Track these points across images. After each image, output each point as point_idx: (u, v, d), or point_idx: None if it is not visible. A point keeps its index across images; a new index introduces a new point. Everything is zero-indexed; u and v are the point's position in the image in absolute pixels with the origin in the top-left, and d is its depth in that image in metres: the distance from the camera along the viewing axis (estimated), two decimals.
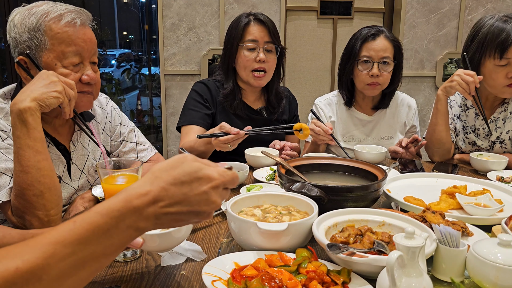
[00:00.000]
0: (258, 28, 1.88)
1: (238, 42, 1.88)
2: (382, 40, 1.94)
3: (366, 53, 1.94)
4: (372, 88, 1.98)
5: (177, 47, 3.43)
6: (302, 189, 1.11)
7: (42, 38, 1.24)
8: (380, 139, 2.10)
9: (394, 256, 0.74)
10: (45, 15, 1.24)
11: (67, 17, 1.25)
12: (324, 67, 3.69)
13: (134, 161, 1.04)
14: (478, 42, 1.83)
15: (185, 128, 1.89)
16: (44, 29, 1.23)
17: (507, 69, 1.78)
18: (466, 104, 2.02)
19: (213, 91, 1.96)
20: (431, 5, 3.54)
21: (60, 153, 1.39)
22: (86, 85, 1.32)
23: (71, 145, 1.44)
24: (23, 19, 1.25)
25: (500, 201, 1.28)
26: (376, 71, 1.93)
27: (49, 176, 1.17)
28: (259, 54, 1.87)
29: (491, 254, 0.83)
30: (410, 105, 2.16)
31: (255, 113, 2.02)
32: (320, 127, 1.81)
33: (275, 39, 1.91)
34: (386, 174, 1.23)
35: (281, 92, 2.06)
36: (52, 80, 1.17)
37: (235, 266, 0.89)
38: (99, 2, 5.08)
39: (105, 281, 0.92)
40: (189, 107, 1.94)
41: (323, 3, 3.57)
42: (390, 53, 1.95)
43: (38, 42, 1.24)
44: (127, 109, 5.01)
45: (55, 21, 1.24)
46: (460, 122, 2.04)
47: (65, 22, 1.25)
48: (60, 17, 1.25)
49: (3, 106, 1.31)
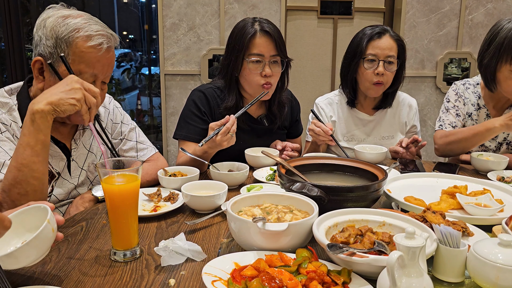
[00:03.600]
0: (265, 41, 1.76)
1: (244, 54, 1.77)
2: (387, 39, 1.94)
3: (372, 51, 1.94)
4: (377, 88, 1.98)
5: (177, 47, 3.43)
6: (302, 189, 1.11)
7: (66, 50, 1.27)
8: (381, 139, 2.10)
9: (394, 256, 0.74)
10: (76, 30, 1.27)
11: (96, 40, 1.29)
12: (325, 67, 3.68)
13: (134, 161, 1.04)
14: (495, 48, 1.81)
15: (181, 141, 1.86)
16: (71, 43, 1.27)
17: None
18: (479, 104, 2.02)
19: (211, 101, 1.86)
20: (432, 5, 3.54)
21: (60, 150, 1.40)
22: None
23: (73, 142, 1.46)
24: (55, 25, 1.28)
25: (501, 201, 1.27)
26: (382, 69, 1.93)
27: (40, 179, 1.18)
28: (264, 68, 1.77)
29: (492, 254, 0.83)
30: (411, 104, 2.16)
31: (255, 122, 1.95)
32: (320, 128, 1.81)
33: (281, 52, 1.80)
34: (386, 174, 1.22)
35: (284, 101, 1.97)
36: (73, 87, 1.19)
37: (235, 266, 0.89)
38: (99, 2, 5.08)
39: (105, 281, 0.92)
40: (186, 119, 1.86)
41: (323, 3, 3.57)
42: (395, 52, 1.95)
43: (61, 52, 1.27)
44: (127, 109, 5.01)
45: (83, 40, 1.28)
46: (471, 121, 2.03)
47: (93, 44, 1.28)
48: (89, 38, 1.28)
49: (7, 101, 1.34)
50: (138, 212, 1.06)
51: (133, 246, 1.03)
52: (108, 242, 1.11)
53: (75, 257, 1.03)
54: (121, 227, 1.02)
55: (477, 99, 2.03)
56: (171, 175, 1.53)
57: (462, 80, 2.12)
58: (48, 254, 1.03)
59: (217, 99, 1.88)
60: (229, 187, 1.38)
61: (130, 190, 1.01)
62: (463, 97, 2.05)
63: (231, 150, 1.67)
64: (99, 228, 1.20)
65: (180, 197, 1.38)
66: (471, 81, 2.09)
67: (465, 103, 2.05)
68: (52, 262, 1.00)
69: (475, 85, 2.07)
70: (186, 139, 1.83)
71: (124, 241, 1.02)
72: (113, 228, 1.03)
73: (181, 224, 1.24)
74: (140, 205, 1.28)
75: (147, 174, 1.56)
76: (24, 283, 0.91)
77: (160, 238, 1.09)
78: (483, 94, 2.03)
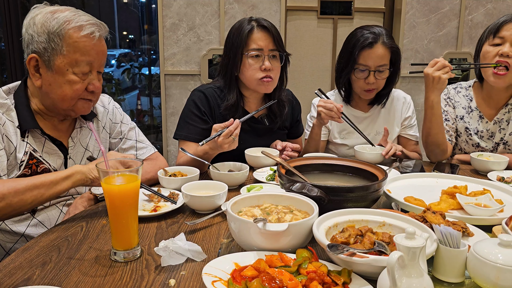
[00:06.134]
0: (263, 35, 1.79)
1: (242, 50, 1.79)
2: (379, 47, 1.91)
3: (363, 62, 1.93)
4: (369, 94, 2.02)
5: (177, 47, 3.43)
6: (302, 190, 1.11)
7: (60, 43, 1.30)
8: (376, 134, 2.12)
9: (394, 256, 0.74)
10: (67, 22, 1.30)
11: (87, 30, 1.32)
12: (324, 67, 3.68)
13: (134, 161, 1.04)
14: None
15: (182, 142, 1.86)
16: (64, 35, 1.30)
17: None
18: (471, 106, 2.03)
19: (211, 101, 1.86)
20: (431, 5, 3.54)
21: (57, 148, 1.42)
22: (90, 94, 1.39)
23: (70, 140, 1.48)
24: (45, 21, 1.30)
25: (501, 201, 1.27)
26: (372, 79, 1.95)
27: (21, 209, 1.24)
28: (264, 62, 1.78)
29: (492, 254, 0.83)
30: (405, 98, 2.18)
31: (256, 122, 1.95)
32: (333, 104, 1.82)
33: (279, 46, 1.83)
34: (386, 175, 1.22)
35: (284, 100, 1.97)
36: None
37: (235, 266, 0.89)
38: (99, 2, 5.08)
39: (105, 281, 0.92)
40: (186, 120, 1.86)
41: (323, 3, 3.57)
42: (387, 60, 1.95)
43: (55, 46, 1.29)
44: (127, 109, 5.00)
45: (75, 30, 1.31)
46: (463, 124, 2.04)
47: (85, 33, 1.32)
48: (81, 28, 1.31)
49: (5, 102, 1.36)
50: (138, 212, 1.06)
51: (133, 246, 1.03)
52: (108, 242, 1.11)
53: (75, 257, 1.03)
54: (121, 227, 1.02)
55: (469, 101, 2.04)
56: (171, 175, 1.53)
57: (454, 84, 2.14)
58: (48, 254, 1.04)
59: (217, 99, 1.88)
60: (229, 187, 1.38)
61: (130, 190, 1.01)
62: (453, 100, 2.07)
63: (232, 149, 1.67)
64: (99, 228, 1.20)
65: (180, 197, 1.38)
66: (464, 84, 2.12)
67: (455, 107, 2.07)
68: (52, 262, 1.00)
69: (467, 87, 2.09)
70: (186, 139, 1.83)
71: (124, 241, 1.02)
72: (113, 228, 1.03)
73: (181, 224, 1.24)
74: (140, 205, 1.28)
75: (146, 172, 1.57)
76: (24, 283, 0.91)
77: (160, 238, 1.09)
78: (475, 96, 2.04)
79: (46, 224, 1.41)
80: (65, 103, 1.36)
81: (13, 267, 0.98)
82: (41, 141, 1.40)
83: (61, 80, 1.33)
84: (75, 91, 1.35)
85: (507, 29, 1.81)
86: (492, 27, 1.87)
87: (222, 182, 1.40)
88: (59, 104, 1.37)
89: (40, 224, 1.40)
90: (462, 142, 2.06)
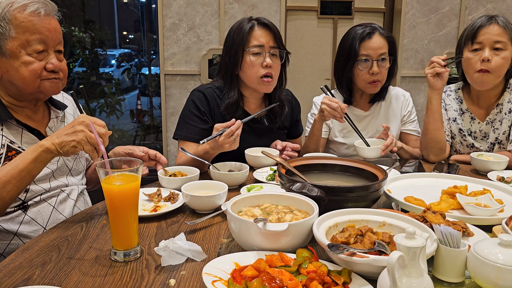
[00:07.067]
0: (263, 32, 1.80)
1: (243, 47, 1.79)
2: (377, 37, 1.98)
3: (365, 52, 1.98)
4: (374, 86, 2.03)
5: (177, 47, 3.43)
6: (302, 189, 1.11)
7: (6, 26, 1.29)
8: (377, 132, 2.13)
9: (394, 256, 0.74)
10: (9, 4, 1.30)
11: (32, 7, 1.31)
12: (324, 67, 3.69)
13: (134, 161, 1.04)
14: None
15: (181, 142, 1.86)
16: (9, 18, 1.29)
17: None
18: (462, 109, 2.05)
19: (211, 101, 1.85)
20: (431, 5, 3.54)
21: (36, 138, 1.41)
22: (51, 73, 1.37)
23: (48, 130, 1.48)
24: None
25: (501, 201, 1.27)
26: (376, 69, 1.97)
27: (3, 199, 1.22)
28: (265, 59, 1.78)
29: (492, 254, 0.83)
30: (404, 95, 2.21)
31: (255, 121, 1.93)
32: (338, 103, 1.83)
33: (280, 44, 1.84)
34: (386, 174, 1.22)
35: (284, 100, 1.97)
36: (76, 129, 1.22)
37: (235, 266, 0.89)
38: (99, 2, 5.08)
39: (105, 281, 0.92)
40: (186, 120, 1.86)
41: (323, 3, 3.57)
42: (386, 49, 2.00)
43: (3, 30, 1.29)
44: (127, 109, 5.00)
45: (19, 11, 1.30)
46: (456, 126, 2.06)
47: (30, 11, 1.30)
48: (24, 7, 1.30)
49: None
50: (138, 212, 1.06)
51: (133, 246, 1.03)
52: (108, 242, 1.11)
53: (75, 257, 1.03)
54: (121, 227, 1.02)
55: (459, 104, 2.07)
56: (171, 175, 1.53)
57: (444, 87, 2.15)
58: (48, 254, 1.04)
59: (216, 99, 1.87)
60: (229, 187, 1.38)
61: (130, 190, 1.01)
62: (444, 103, 2.10)
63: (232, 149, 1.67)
64: (99, 228, 1.20)
65: (180, 197, 1.38)
66: (453, 87, 2.14)
67: (447, 109, 2.09)
68: (52, 262, 1.00)
69: (456, 90, 2.11)
70: (186, 139, 1.83)
71: (124, 241, 1.02)
72: (113, 228, 1.03)
73: (181, 224, 1.24)
74: (140, 205, 1.28)
75: None
76: (24, 283, 0.91)
77: (160, 238, 1.09)
78: (465, 98, 2.06)
79: (38, 221, 1.38)
80: (28, 86, 1.35)
81: (13, 267, 0.98)
82: (18, 132, 1.39)
83: (16, 64, 1.31)
84: (32, 72, 1.33)
85: (483, 33, 1.86)
86: (469, 33, 1.91)
87: (222, 182, 1.40)
88: (23, 88, 1.35)
89: (33, 221, 1.38)
90: (456, 143, 2.08)
